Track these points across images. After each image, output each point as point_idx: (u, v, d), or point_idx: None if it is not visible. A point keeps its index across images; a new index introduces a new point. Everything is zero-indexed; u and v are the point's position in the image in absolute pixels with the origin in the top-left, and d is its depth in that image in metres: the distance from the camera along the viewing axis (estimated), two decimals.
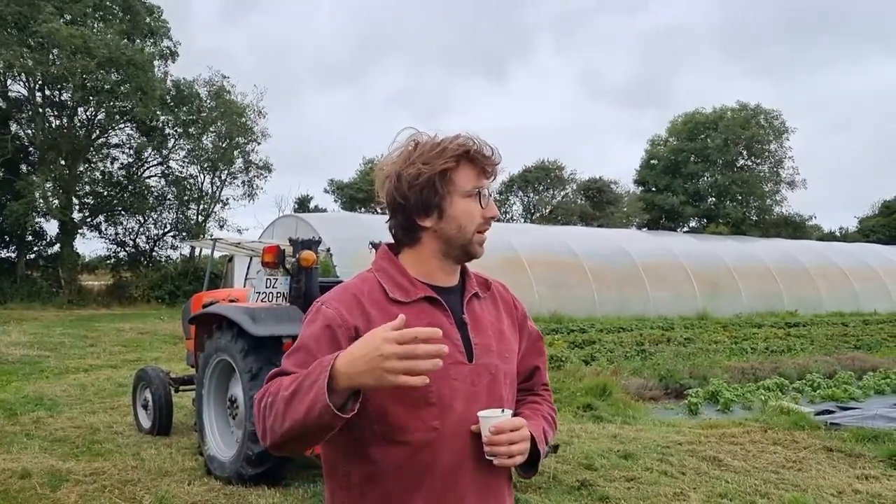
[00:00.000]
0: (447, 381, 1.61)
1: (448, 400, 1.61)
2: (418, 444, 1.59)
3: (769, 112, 44.90)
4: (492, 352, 1.71)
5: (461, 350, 1.66)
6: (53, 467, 5.64)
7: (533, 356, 1.91)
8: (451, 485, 1.61)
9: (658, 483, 5.40)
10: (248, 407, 5.11)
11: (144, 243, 33.32)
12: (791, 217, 45.66)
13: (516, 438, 1.60)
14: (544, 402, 1.91)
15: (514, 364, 1.79)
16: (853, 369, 11.19)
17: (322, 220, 20.68)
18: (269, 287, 5.79)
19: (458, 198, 1.66)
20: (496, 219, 1.73)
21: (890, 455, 6.15)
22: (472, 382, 1.65)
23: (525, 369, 1.88)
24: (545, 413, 1.86)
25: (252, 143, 33.05)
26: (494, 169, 1.71)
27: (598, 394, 8.67)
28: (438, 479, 1.60)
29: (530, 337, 1.90)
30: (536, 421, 1.77)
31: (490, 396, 1.67)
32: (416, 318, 1.62)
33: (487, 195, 1.70)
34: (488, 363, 1.69)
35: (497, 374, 1.71)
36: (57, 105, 29.22)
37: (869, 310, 24.27)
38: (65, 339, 15.31)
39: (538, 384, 1.93)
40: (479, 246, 1.71)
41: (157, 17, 30.36)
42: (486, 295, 1.80)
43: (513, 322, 1.84)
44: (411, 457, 1.60)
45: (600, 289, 20.27)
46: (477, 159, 1.68)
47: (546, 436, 1.78)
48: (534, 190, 41.77)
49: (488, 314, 1.77)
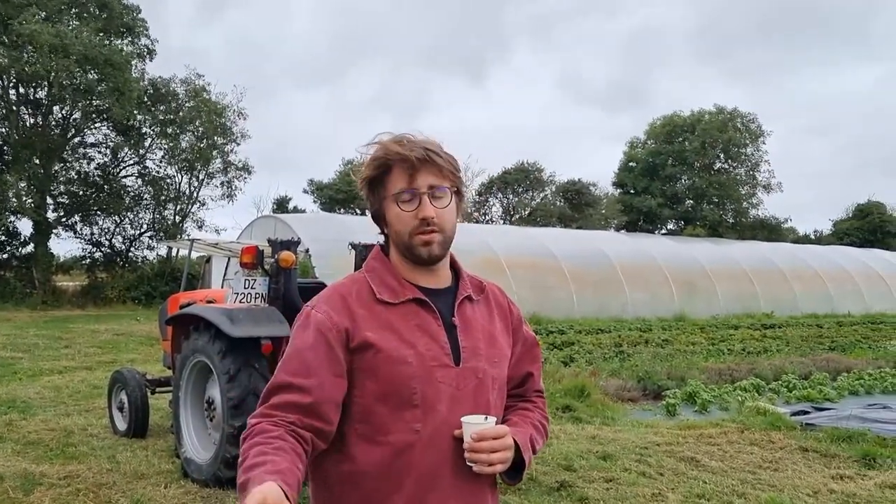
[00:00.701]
0: (432, 384, 1.60)
1: (432, 402, 1.60)
2: (399, 446, 1.59)
3: (746, 115, 45.46)
4: (480, 355, 1.68)
5: (448, 353, 1.64)
6: (26, 471, 5.54)
7: (527, 362, 1.87)
8: (430, 488, 1.59)
9: (636, 484, 5.43)
10: (226, 409, 5.06)
11: (120, 244, 32.93)
12: (767, 220, 46.18)
13: (497, 446, 1.58)
14: (536, 409, 1.87)
15: (504, 369, 1.76)
16: (828, 370, 11.33)
17: (301, 221, 20.58)
18: (247, 288, 5.75)
19: (391, 203, 1.65)
20: (433, 219, 1.61)
21: (864, 455, 6.23)
22: (458, 386, 1.63)
23: (518, 375, 1.85)
24: (535, 420, 1.82)
25: (231, 144, 32.81)
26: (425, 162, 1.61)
27: (576, 395, 8.70)
28: (417, 481, 1.59)
29: (525, 342, 1.86)
30: (523, 428, 1.74)
31: (475, 401, 1.66)
32: (404, 318, 1.64)
33: (424, 194, 1.62)
34: (475, 367, 1.67)
35: (484, 379, 1.68)
36: (32, 103, 28.82)
37: (843, 311, 24.60)
38: (38, 340, 15.09)
39: (531, 390, 1.89)
40: (423, 247, 1.63)
41: (134, 16, 30.04)
42: (480, 297, 1.78)
43: (506, 326, 1.81)
44: (392, 458, 1.59)
45: (579, 290, 20.35)
46: (400, 157, 1.62)
47: (533, 444, 1.75)
48: (513, 191, 41.85)
49: (480, 317, 1.74)
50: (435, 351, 1.62)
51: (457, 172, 1.69)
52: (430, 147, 1.64)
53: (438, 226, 1.63)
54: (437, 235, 1.63)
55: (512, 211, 41.84)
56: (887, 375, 10.97)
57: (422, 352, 1.61)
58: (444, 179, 1.64)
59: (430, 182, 1.63)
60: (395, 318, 1.63)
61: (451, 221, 1.67)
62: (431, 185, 1.63)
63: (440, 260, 1.68)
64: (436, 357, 1.61)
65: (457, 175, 1.68)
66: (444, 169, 1.64)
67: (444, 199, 1.65)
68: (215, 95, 32.05)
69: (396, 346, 1.60)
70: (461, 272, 1.78)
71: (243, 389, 5.00)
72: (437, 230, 1.63)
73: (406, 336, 1.62)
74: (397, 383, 1.59)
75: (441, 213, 1.64)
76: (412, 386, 1.59)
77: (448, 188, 1.65)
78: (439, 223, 1.63)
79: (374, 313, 1.63)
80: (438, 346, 1.63)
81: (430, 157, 1.62)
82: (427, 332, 1.64)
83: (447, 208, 1.65)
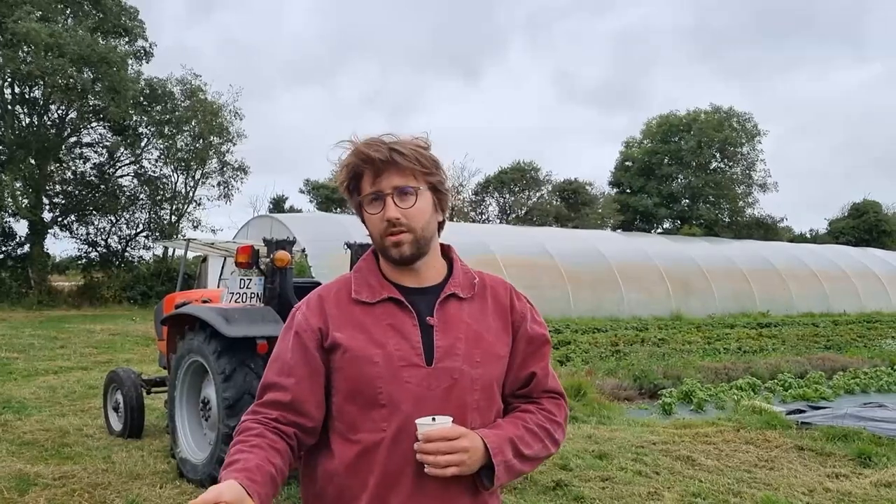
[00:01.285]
0: (399, 384, 1.60)
1: (397, 402, 1.60)
2: (367, 444, 1.61)
3: (742, 115, 45.54)
4: (457, 356, 1.64)
5: (419, 353, 1.62)
6: (21, 471, 5.53)
7: (530, 361, 1.77)
8: (392, 487, 1.59)
9: (632, 483, 5.43)
10: (221, 409, 5.05)
11: (116, 243, 32.84)
12: (763, 219, 46.27)
13: (444, 448, 1.53)
14: (539, 411, 1.76)
15: (493, 369, 1.70)
16: (823, 369, 11.35)
17: (297, 221, 20.58)
18: (242, 287, 5.74)
19: (365, 207, 1.67)
20: (398, 220, 1.61)
21: (859, 453, 6.24)
22: (429, 386, 1.61)
23: (522, 375, 1.77)
24: (532, 422, 1.73)
25: (227, 144, 32.76)
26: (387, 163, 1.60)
27: (573, 394, 8.70)
28: (380, 480, 1.59)
29: (529, 340, 1.77)
30: (504, 430, 1.66)
31: (448, 401, 1.62)
32: (378, 318, 1.66)
33: (388, 195, 1.62)
34: (450, 367, 1.63)
35: (461, 379, 1.64)
36: (27, 102, 28.75)
37: (838, 310, 24.65)
38: (34, 340, 15.05)
39: (537, 391, 1.79)
40: (394, 249, 1.63)
41: (132, 17, 29.97)
42: (472, 295, 1.73)
43: (505, 324, 1.75)
44: (361, 456, 1.61)
45: (575, 290, 20.37)
46: (365, 161, 1.62)
47: (518, 446, 1.66)
48: (509, 191, 41.85)
49: (467, 315, 1.70)
50: (404, 351, 1.62)
51: (429, 169, 1.66)
52: (396, 147, 1.62)
53: (406, 226, 1.62)
54: (405, 236, 1.63)
55: (508, 210, 41.83)
56: (883, 374, 10.99)
57: (391, 351, 1.61)
58: (409, 178, 1.63)
59: (394, 183, 1.62)
60: (369, 318, 1.65)
61: (422, 220, 1.65)
62: (396, 185, 1.62)
63: (415, 259, 1.67)
64: (405, 357, 1.61)
65: (429, 171, 1.66)
66: (409, 168, 1.62)
67: (411, 199, 1.63)
68: (211, 95, 32.05)
69: (364, 345, 1.62)
70: (455, 268, 1.76)
71: (239, 389, 4.99)
72: (405, 230, 1.62)
73: (376, 336, 1.63)
74: (363, 383, 1.61)
75: (408, 213, 1.62)
76: (377, 385, 1.60)
77: (414, 187, 1.63)
78: (407, 223, 1.62)
79: (347, 313, 1.67)
80: (410, 345, 1.62)
81: (392, 158, 1.61)
82: (399, 331, 1.63)
83: (415, 207, 1.63)
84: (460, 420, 1.60)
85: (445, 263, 1.77)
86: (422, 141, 1.68)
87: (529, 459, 1.69)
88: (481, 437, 1.60)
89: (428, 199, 1.67)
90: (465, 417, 1.63)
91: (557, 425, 1.78)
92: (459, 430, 1.56)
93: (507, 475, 1.64)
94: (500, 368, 1.73)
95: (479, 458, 1.58)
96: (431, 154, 1.68)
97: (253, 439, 1.56)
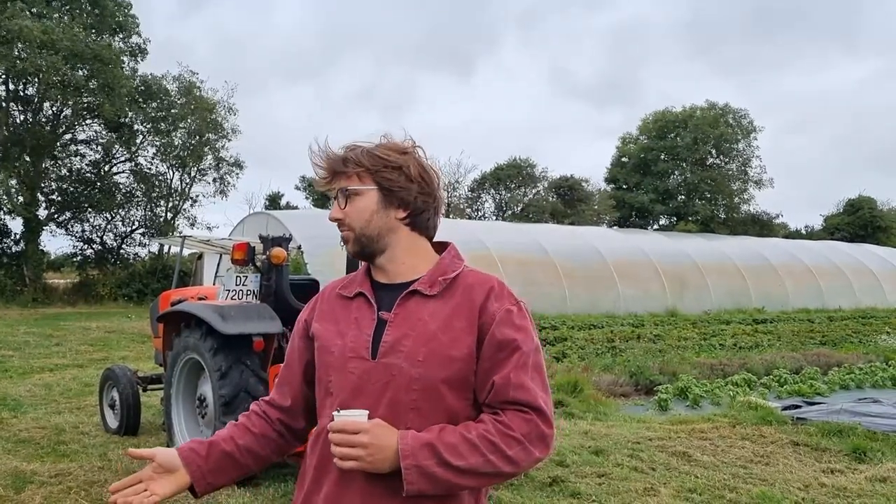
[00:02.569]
0: (344, 374, 1.66)
1: (338, 392, 1.66)
2: (319, 430, 1.70)
3: (737, 111, 45.64)
4: (399, 353, 1.60)
5: (367, 346, 1.65)
6: (17, 469, 5.53)
7: (495, 368, 1.62)
8: (325, 474, 1.66)
9: (629, 478, 5.45)
10: (218, 406, 5.05)
11: (112, 241, 32.77)
12: (758, 215, 46.37)
13: (341, 441, 1.50)
14: (493, 422, 1.58)
15: (437, 370, 1.59)
16: (819, 365, 11.39)
17: (293, 218, 20.53)
18: (238, 285, 5.73)
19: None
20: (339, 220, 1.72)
21: (854, 449, 6.27)
22: (368, 380, 1.62)
23: (486, 382, 1.62)
24: (475, 432, 1.56)
25: (222, 140, 32.70)
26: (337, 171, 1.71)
27: (569, 390, 8.72)
28: (318, 465, 1.68)
29: (498, 346, 1.62)
30: (432, 435, 1.54)
31: (383, 397, 1.59)
32: (350, 311, 1.73)
33: (334, 198, 1.73)
34: (389, 364, 1.61)
35: (398, 377, 1.59)
36: (22, 99, 28.64)
37: (834, 306, 24.68)
38: (29, 338, 15.03)
39: (496, 401, 1.61)
40: (345, 244, 1.76)
41: (126, 13, 29.88)
42: (437, 292, 1.66)
43: (470, 325, 1.63)
44: (313, 441, 1.73)
45: (571, 286, 20.37)
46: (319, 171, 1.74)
47: (442, 454, 1.51)
48: (505, 187, 41.87)
49: (427, 313, 1.64)
50: (357, 343, 1.66)
51: (375, 168, 1.68)
52: (344, 153, 1.72)
53: (347, 225, 1.72)
54: (348, 234, 1.73)
55: (504, 207, 41.85)
56: (877, 370, 11.04)
57: (346, 343, 1.68)
58: (351, 180, 1.70)
59: (340, 185, 1.72)
60: (343, 312, 1.75)
61: (361, 219, 1.70)
62: (339, 187, 1.72)
63: (363, 256, 1.75)
64: (355, 349, 1.66)
65: (375, 171, 1.68)
66: (349, 171, 1.70)
67: (353, 199, 1.70)
68: (206, 92, 31.98)
69: (330, 336, 1.72)
70: (437, 265, 1.72)
71: (235, 386, 4.99)
72: (346, 229, 1.72)
73: (342, 328, 1.71)
74: (322, 371, 1.72)
75: (349, 213, 1.71)
76: (329, 374, 1.69)
77: (354, 189, 1.69)
78: (348, 222, 1.71)
79: (330, 306, 1.79)
80: (363, 338, 1.66)
81: (336, 164, 1.71)
82: (359, 324, 1.69)
83: (356, 206, 1.70)
84: (393, 418, 1.55)
85: (432, 260, 1.74)
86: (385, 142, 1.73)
87: (463, 472, 1.52)
88: (399, 437, 1.53)
89: (373, 198, 1.69)
90: (400, 416, 1.58)
91: (512, 440, 1.56)
92: (362, 425, 1.51)
93: (426, 482, 1.51)
94: (452, 370, 1.60)
95: (386, 458, 1.51)
96: (385, 154, 1.69)
97: (235, 422, 1.78)
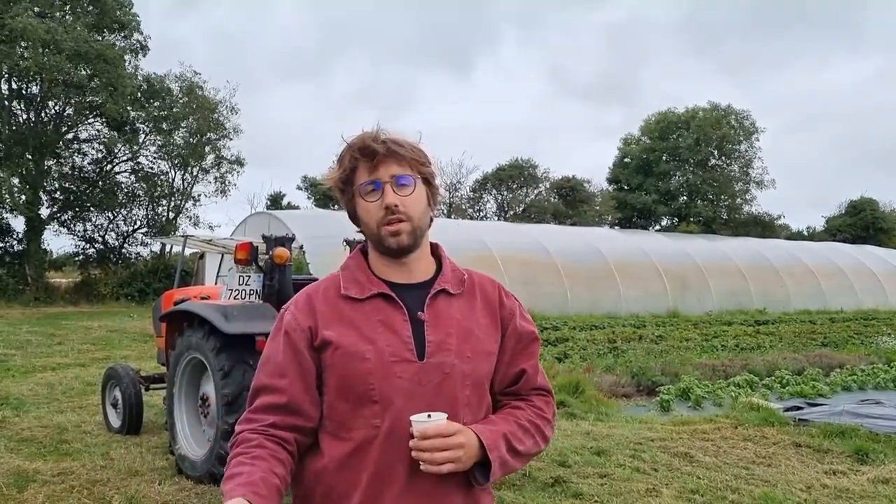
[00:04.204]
0: (391, 380, 1.60)
1: (390, 398, 1.59)
2: (360, 442, 1.60)
3: (739, 112, 45.63)
4: (448, 350, 1.64)
5: (410, 348, 1.62)
6: (20, 468, 5.53)
7: (519, 358, 1.78)
8: (386, 483, 1.59)
9: (631, 479, 5.44)
10: (220, 405, 5.06)
11: (114, 240, 32.84)
12: (760, 216, 46.36)
13: (440, 445, 1.52)
14: (529, 407, 1.77)
15: (483, 365, 1.70)
16: (820, 366, 11.38)
17: (295, 218, 20.56)
18: (241, 284, 5.74)
19: (359, 198, 1.66)
20: (397, 206, 1.61)
21: (856, 450, 6.26)
22: (420, 381, 1.61)
23: (512, 372, 1.78)
24: (523, 419, 1.73)
25: (224, 139, 32.73)
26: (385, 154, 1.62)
27: (571, 391, 8.72)
28: (374, 477, 1.59)
29: (519, 337, 1.78)
30: (498, 427, 1.67)
31: (439, 396, 1.62)
32: (368, 314, 1.65)
33: (386, 183, 1.63)
34: (441, 362, 1.63)
35: (452, 374, 1.64)
36: (24, 98, 28.67)
37: (836, 308, 24.65)
38: (31, 337, 15.05)
39: (526, 388, 1.79)
40: (392, 238, 1.63)
41: (126, 11, 29.91)
42: (461, 291, 1.73)
43: (494, 321, 1.75)
44: (352, 454, 1.60)
45: (573, 287, 20.36)
46: (363, 153, 1.64)
47: (511, 442, 1.66)
48: (507, 188, 41.87)
49: (457, 311, 1.70)
50: (396, 346, 1.61)
51: (423, 162, 1.68)
52: (393, 138, 1.65)
53: (405, 214, 1.63)
54: (404, 225, 1.63)
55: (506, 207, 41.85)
56: (879, 371, 11.03)
57: (381, 347, 1.60)
58: (407, 168, 1.64)
59: (392, 172, 1.63)
60: (359, 315, 1.64)
61: (419, 210, 1.66)
62: (394, 174, 1.63)
63: (411, 250, 1.67)
64: (396, 352, 1.61)
65: (423, 165, 1.68)
66: (406, 158, 1.64)
67: (409, 188, 1.64)
68: (209, 91, 32.01)
69: (355, 341, 1.61)
70: (444, 265, 1.76)
71: (237, 386, 4.99)
72: (403, 219, 1.63)
73: (366, 332, 1.62)
74: (355, 379, 1.60)
75: (406, 202, 1.63)
76: (370, 382, 1.59)
77: (412, 177, 1.65)
78: (405, 211, 1.63)
79: (337, 310, 1.65)
80: (401, 341, 1.62)
81: (390, 148, 1.63)
82: (390, 327, 1.63)
83: (412, 196, 1.65)
84: (452, 416, 1.59)
85: (434, 261, 1.78)
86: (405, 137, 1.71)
87: (521, 455, 1.70)
88: (476, 432, 1.59)
89: (423, 191, 1.68)
90: (457, 413, 1.62)
91: (547, 422, 1.79)
92: (455, 426, 1.55)
93: (501, 471, 1.64)
94: (490, 365, 1.73)
95: (473, 455, 1.58)
96: (426, 152, 1.70)
97: (254, 450, 1.56)
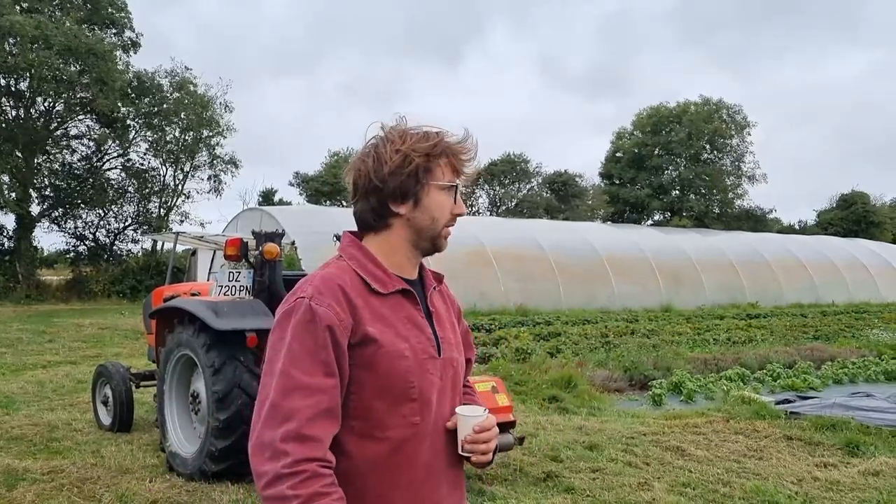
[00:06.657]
0: (426, 377, 1.60)
1: (427, 395, 1.61)
2: (398, 440, 1.57)
3: (731, 107, 45.71)
4: (452, 345, 1.72)
5: (434, 345, 1.64)
6: (10, 466, 5.49)
7: (468, 351, 1.89)
8: (428, 480, 1.61)
9: (623, 473, 5.45)
10: (211, 402, 5.03)
11: (105, 237, 32.71)
12: (752, 210, 46.51)
13: (492, 437, 1.64)
14: (474, 394, 1.91)
15: (464, 356, 1.82)
16: (812, 359, 11.42)
17: (287, 214, 20.54)
18: (231, 281, 5.71)
19: (435, 190, 1.64)
20: (462, 215, 1.74)
21: (847, 443, 6.29)
22: (441, 377, 1.65)
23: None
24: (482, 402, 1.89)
25: (217, 137, 32.58)
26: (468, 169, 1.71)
27: (563, 386, 8.73)
28: (418, 474, 1.59)
29: (464, 333, 1.88)
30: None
31: (454, 390, 1.70)
32: (393, 310, 1.61)
33: (460, 192, 1.71)
34: (451, 357, 1.70)
35: (458, 368, 1.73)
36: (14, 95, 28.49)
37: (827, 301, 24.78)
38: (22, 334, 14.98)
39: (467, 377, 1.93)
40: (445, 240, 1.71)
41: (119, 8, 29.73)
42: (440, 288, 1.80)
43: (456, 317, 1.86)
44: (390, 453, 1.56)
45: (566, 282, 20.39)
46: (457, 157, 1.67)
47: None
48: (500, 183, 41.90)
49: (441, 307, 1.77)
50: (424, 343, 1.62)
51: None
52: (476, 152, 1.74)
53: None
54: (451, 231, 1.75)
55: (499, 202, 41.91)
56: (870, 364, 11.08)
57: (414, 345, 1.60)
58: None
59: (463, 181, 1.72)
60: (387, 311, 1.60)
61: None
62: (463, 185, 1.72)
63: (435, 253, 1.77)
64: (425, 349, 1.62)
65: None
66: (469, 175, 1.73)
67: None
68: (201, 87, 31.87)
69: (393, 339, 1.57)
70: (422, 263, 1.81)
71: (228, 383, 4.97)
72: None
73: (400, 329, 1.60)
74: (396, 378, 1.56)
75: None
76: (410, 380, 1.57)
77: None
78: None
79: (370, 306, 1.58)
80: (426, 338, 1.63)
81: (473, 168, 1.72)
82: (416, 324, 1.63)
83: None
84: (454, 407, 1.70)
85: None
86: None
87: None
88: None
89: None
90: (458, 405, 1.72)
91: None
92: (493, 418, 1.68)
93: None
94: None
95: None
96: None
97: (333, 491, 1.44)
